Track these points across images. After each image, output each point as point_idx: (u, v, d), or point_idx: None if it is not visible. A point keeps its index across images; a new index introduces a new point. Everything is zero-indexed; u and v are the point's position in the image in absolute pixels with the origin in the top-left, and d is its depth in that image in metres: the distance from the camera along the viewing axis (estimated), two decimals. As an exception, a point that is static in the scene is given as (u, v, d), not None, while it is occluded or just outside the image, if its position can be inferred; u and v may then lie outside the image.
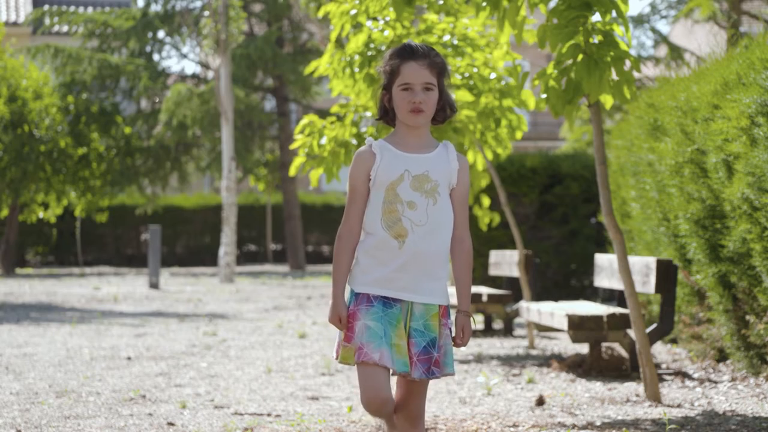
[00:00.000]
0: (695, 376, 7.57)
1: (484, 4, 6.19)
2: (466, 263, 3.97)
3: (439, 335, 3.89)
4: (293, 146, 8.74)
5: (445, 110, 3.98)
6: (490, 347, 9.71)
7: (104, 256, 31.40)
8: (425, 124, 3.95)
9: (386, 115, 4.00)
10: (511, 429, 5.59)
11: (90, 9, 33.25)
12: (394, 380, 3.98)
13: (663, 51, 27.87)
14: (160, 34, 29.29)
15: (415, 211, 3.87)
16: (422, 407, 3.98)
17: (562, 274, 14.95)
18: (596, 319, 7.52)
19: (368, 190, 3.92)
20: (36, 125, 25.93)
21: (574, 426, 5.64)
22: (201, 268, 30.44)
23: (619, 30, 6.10)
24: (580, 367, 7.90)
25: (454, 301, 4.32)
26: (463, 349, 9.45)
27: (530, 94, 8.68)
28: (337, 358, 3.93)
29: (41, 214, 27.34)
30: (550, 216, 14.95)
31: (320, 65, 8.47)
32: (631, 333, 7.57)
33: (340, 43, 8.49)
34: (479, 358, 8.80)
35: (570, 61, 6.11)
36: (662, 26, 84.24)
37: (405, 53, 3.92)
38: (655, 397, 6.36)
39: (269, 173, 30.21)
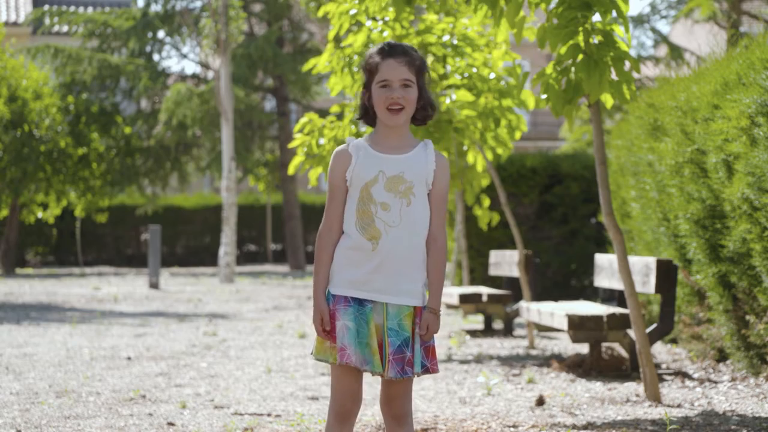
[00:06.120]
0: (695, 376, 7.57)
1: (480, 4, 6.19)
2: (440, 261, 3.93)
3: (412, 335, 3.87)
4: (292, 145, 8.74)
5: (425, 109, 3.96)
6: (490, 347, 9.70)
7: (104, 256, 31.41)
8: (405, 123, 3.93)
9: (366, 114, 4.00)
10: (511, 429, 5.58)
11: (90, 9, 33.28)
12: (366, 377, 3.96)
13: (663, 51, 27.87)
14: (160, 34, 29.30)
15: (389, 213, 3.85)
16: (407, 406, 3.94)
17: (562, 274, 14.95)
18: (596, 319, 7.52)
19: (347, 188, 3.91)
20: (36, 125, 25.93)
21: (574, 426, 5.64)
22: (201, 268, 30.44)
23: (618, 30, 6.10)
24: (580, 367, 7.89)
25: (451, 300, 4.30)
26: (463, 348, 9.45)
27: (530, 94, 8.69)
28: (312, 354, 3.92)
29: (40, 215, 27.34)
30: (550, 216, 14.96)
31: (319, 63, 8.48)
32: (631, 333, 7.57)
33: (338, 42, 8.49)
34: (479, 358, 8.80)
35: (570, 62, 6.11)
36: (662, 26, 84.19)
37: (383, 51, 3.93)
38: (655, 397, 6.36)
39: (269, 173, 30.22)
